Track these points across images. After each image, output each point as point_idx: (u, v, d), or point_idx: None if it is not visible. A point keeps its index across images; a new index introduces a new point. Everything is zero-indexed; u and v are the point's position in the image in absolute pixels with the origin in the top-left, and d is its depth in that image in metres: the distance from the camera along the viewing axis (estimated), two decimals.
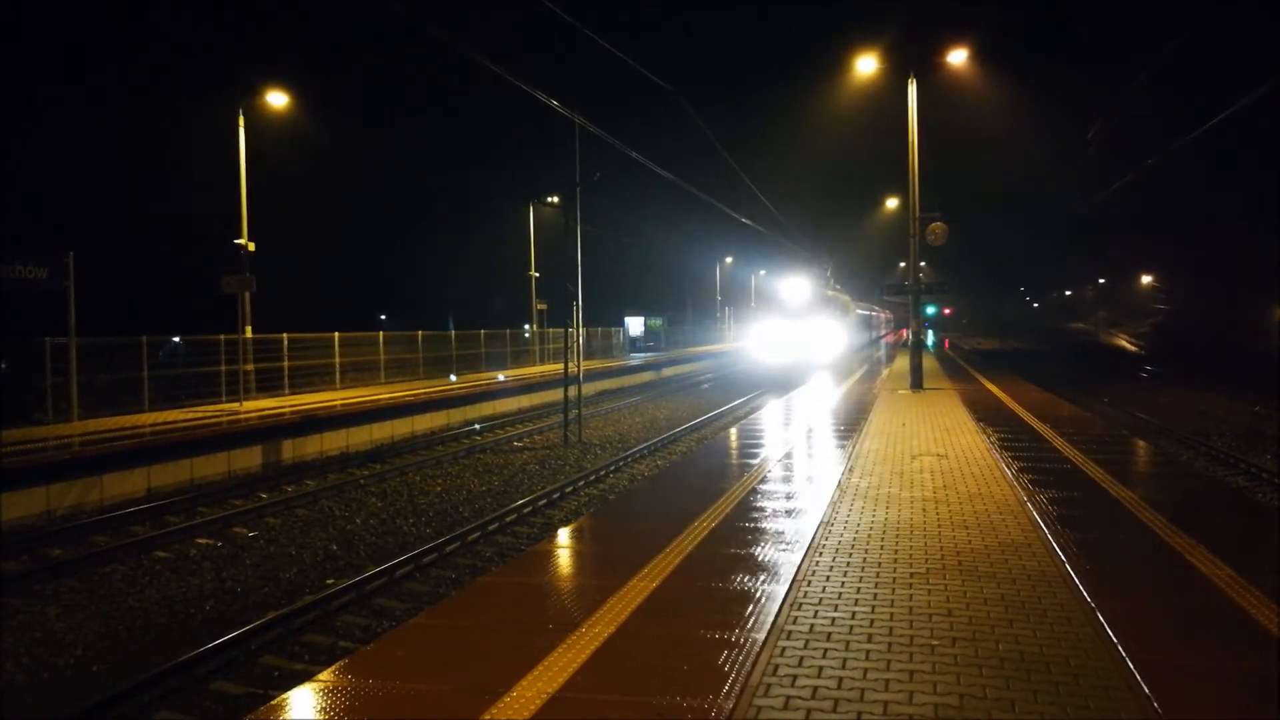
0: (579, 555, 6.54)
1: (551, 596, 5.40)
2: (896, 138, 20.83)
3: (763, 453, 10.80)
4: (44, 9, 62.52)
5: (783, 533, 6.68)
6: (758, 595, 5.16)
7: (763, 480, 8.93)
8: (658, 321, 55.69)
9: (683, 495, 8.30)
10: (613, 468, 16.48)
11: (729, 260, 73.18)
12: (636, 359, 43.61)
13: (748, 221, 34.10)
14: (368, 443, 19.71)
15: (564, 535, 7.13)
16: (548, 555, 6.60)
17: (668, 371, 41.93)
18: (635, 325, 52.44)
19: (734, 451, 11.04)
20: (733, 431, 13.38)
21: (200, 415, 18.26)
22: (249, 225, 23.34)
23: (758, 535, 6.71)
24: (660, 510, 7.71)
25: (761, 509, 7.65)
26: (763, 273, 61.58)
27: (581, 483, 15.02)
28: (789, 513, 7.39)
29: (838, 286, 42.34)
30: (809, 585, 5.34)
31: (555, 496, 13.89)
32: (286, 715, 3.78)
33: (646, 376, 38.75)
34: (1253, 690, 3.84)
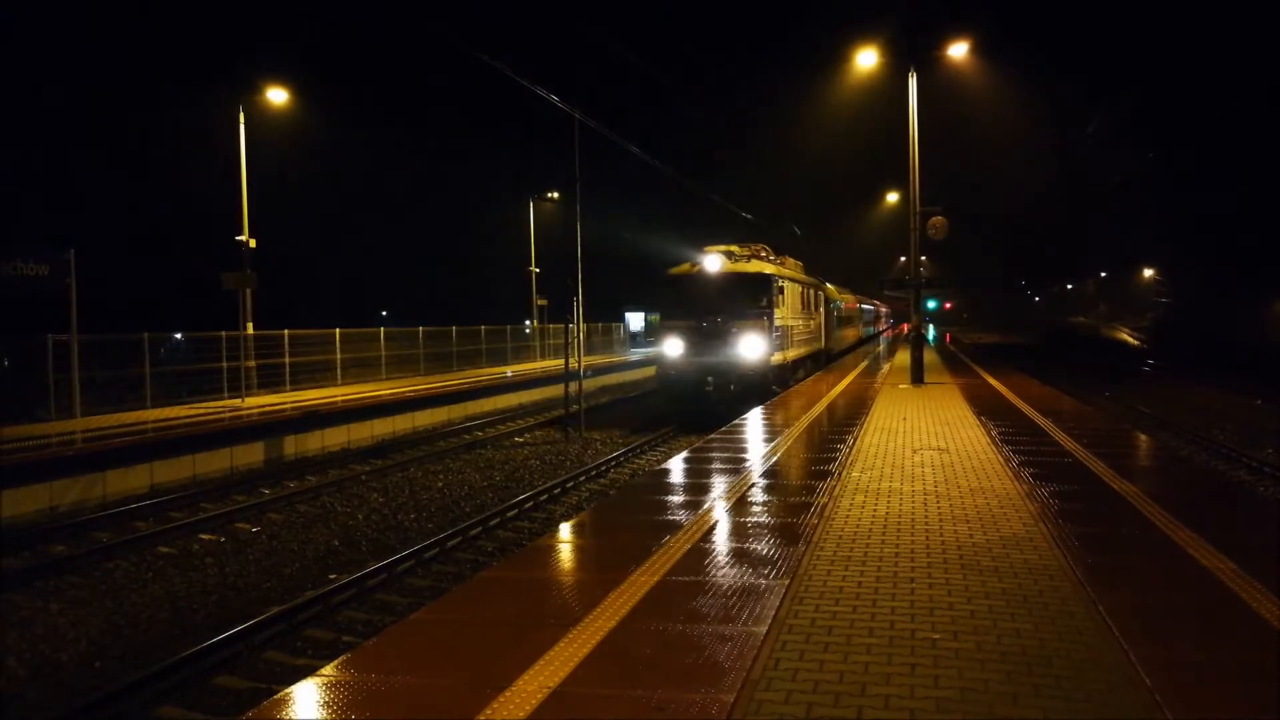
0: (580, 550, 6.55)
1: (553, 591, 5.41)
2: (898, 131, 20.80)
3: (761, 447, 10.79)
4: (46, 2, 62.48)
5: (783, 526, 6.68)
6: (758, 589, 5.16)
7: (762, 474, 8.93)
8: (659, 316, 55.57)
9: (684, 489, 8.31)
10: (614, 462, 16.49)
11: None
12: (637, 354, 43.61)
13: (748, 216, 34.09)
14: (369, 438, 19.73)
15: (565, 530, 7.13)
16: (549, 550, 6.60)
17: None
18: (636, 320, 52.40)
19: (732, 445, 11.04)
20: (729, 425, 13.36)
21: (202, 411, 18.28)
22: (249, 221, 23.35)
23: (758, 529, 6.71)
24: (661, 505, 7.71)
25: (761, 503, 7.65)
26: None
27: (583, 477, 15.04)
28: (789, 507, 7.39)
29: (798, 261, 28.64)
30: (810, 579, 5.34)
31: (556, 491, 13.90)
32: (289, 709, 3.79)
33: (648, 371, 38.73)
34: (1255, 684, 3.84)
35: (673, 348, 21.07)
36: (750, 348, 20.44)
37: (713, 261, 21.24)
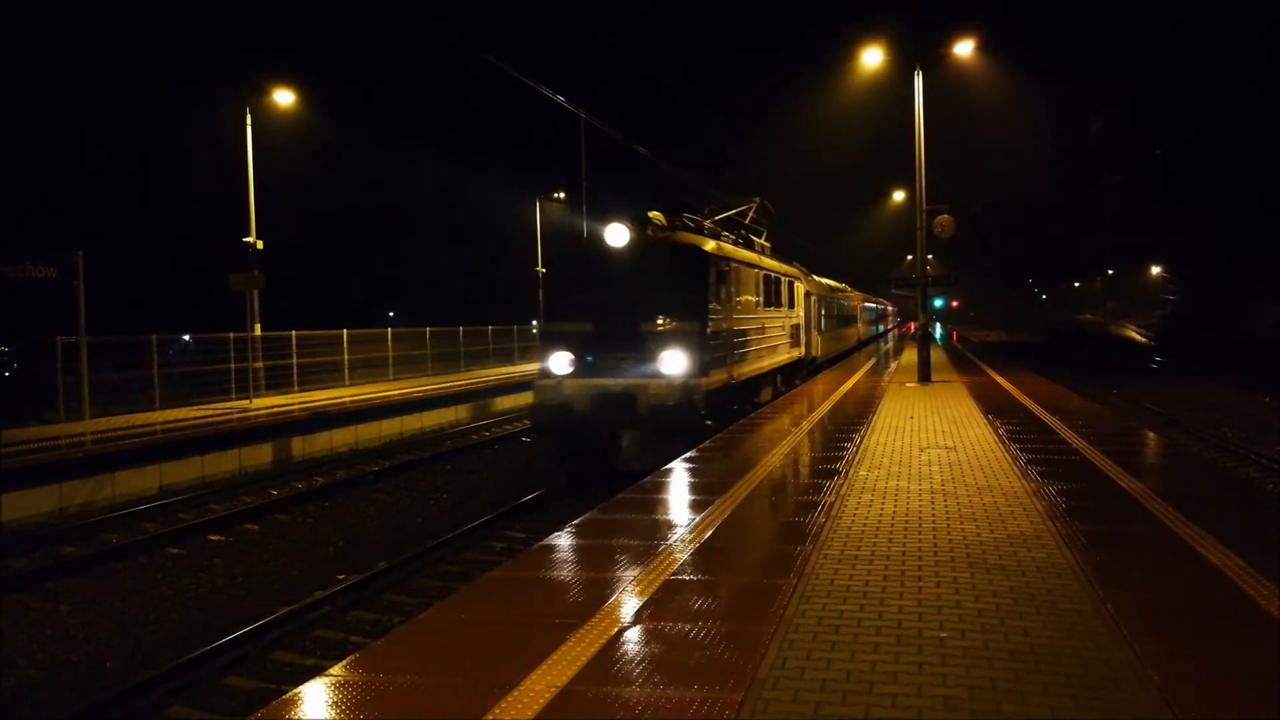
0: (587, 549, 6.55)
1: (560, 590, 5.41)
2: (905, 130, 20.76)
3: (768, 446, 10.78)
4: (51, 5, 62.76)
5: (789, 525, 6.68)
6: (765, 587, 5.16)
7: (767, 474, 8.92)
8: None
9: (687, 488, 8.31)
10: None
11: None
12: None
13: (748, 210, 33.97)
14: (377, 439, 19.78)
15: (572, 529, 7.13)
16: (556, 550, 6.60)
17: None
18: None
19: (732, 445, 11.04)
20: (731, 427, 13.35)
21: (211, 413, 18.33)
22: (257, 223, 23.40)
23: (764, 528, 6.71)
24: (666, 504, 7.72)
25: (766, 504, 7.65)
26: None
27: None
28: (795, 506, 7.38)
29: (765, 243, 21.47)
30: (816, 578, 5.34)
31: (562, 491, 13.88)
32: (298, 709, 3.80)
33: None
34: (1264, 682, 3.82)
35: (557, 364, 13.54)
36: (673, 363, 13.01)
37: (618, 233, 13.79)
